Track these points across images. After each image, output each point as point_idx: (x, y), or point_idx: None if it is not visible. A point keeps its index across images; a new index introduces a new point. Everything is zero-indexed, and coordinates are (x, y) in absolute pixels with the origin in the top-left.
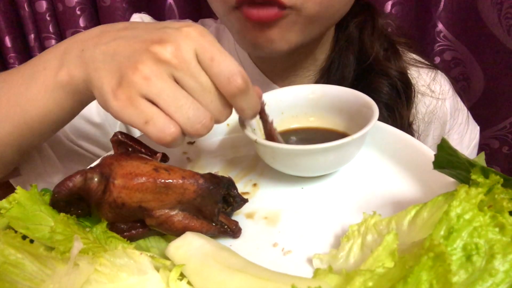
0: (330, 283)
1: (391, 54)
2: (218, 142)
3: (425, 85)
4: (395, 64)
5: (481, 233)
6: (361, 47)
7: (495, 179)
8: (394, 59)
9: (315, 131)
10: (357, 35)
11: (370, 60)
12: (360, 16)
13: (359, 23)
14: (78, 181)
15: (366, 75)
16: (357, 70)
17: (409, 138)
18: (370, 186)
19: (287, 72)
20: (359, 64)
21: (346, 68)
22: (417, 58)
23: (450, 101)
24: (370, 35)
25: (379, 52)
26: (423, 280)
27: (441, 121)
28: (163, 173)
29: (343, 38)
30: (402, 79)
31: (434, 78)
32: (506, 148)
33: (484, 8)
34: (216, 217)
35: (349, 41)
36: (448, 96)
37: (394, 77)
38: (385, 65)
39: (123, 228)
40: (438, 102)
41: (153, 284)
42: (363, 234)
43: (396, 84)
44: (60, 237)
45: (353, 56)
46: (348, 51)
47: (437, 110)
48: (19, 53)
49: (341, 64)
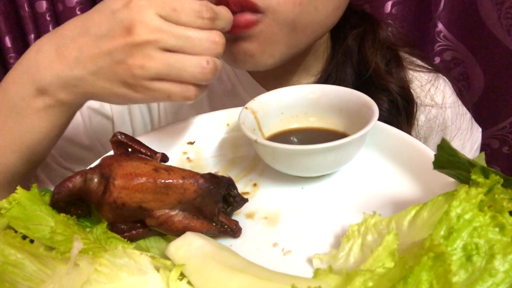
0: (330, 283)
1: (393, 66)
2: (218, 142)
3: (426, 94)
4: (397, 77)
5: (481, 233)
6: (361, 59)
7: (495, 179)
8: (397, 71)
9: (315, 131)
10: (356, 47)
11: (370, 73)
12: (359, 27)
13: (358, 35)
14: (78, 181)
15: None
16: (356, 83)
17: (409, 138)
18: (370, 186)
19: (279, 79)
20: (358, 78)
21: (344, 82)
22: (417, 62)
23: (452, 108)
24: (370, 47)
25: (380, 65)
26: (423, 280)
27: (442, 128)
28: (163, 173)
29: (341, 50)
30: (403, 95)
31: (435, 84)
32: (506, 148)
33: (484, 8)
34: (216, 217)
35: (347, 54)
36: (449, 103)
37: (394, 92)
38: (386, 79)
39: (123, 228)
40: (439, 109)
41: (153, 284)
42: (363, 234)
43: (396, 100)
44: (60, 237)
45: (351, 69)
46: (345, 65)
47: (438, 118)
48: (19, 53)
49: (338, 79)
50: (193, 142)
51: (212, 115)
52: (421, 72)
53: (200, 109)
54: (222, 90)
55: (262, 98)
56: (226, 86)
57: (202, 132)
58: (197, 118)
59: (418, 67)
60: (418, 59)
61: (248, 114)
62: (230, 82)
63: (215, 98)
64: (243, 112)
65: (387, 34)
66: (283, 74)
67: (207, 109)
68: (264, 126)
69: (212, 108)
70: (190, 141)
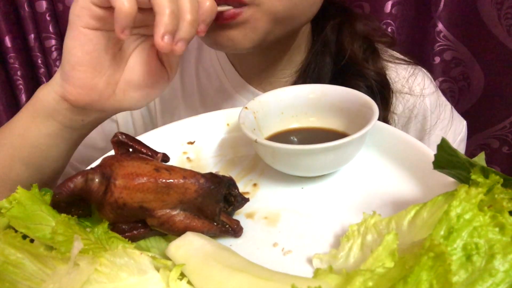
0: (330, 283)
1: (369, 55)
2: (218, 142)
3: (403, 83)
4: (372, 65)
5: (481, 233)
6: (338, 48)
7: (495, 179)
8: (372, 60)
9: (315, 131)
10: (334, 37)
11: (347, 60)
12: (336, 18)
13: (334, 25)
14: (79, 182)
15: (342, 76)
16: (334, 70)
17: (409, 138)
18: (370, 186)
19: (264, 73)
20: (336, 65)
21: (323, 69)
22: (396, 55)
23: (431, 97)
24: (346, 36)
25: (357, 53)
26: (423, 280)
27: (421, 118)
28: (164, 173)
29: (320, 41)
30: (378, 80)
31: (414, 74)
32: (506, 148)
33: (484, 8)
34: (217, 217)
35: (325, 44)
36: (428, 93)
37: (370, 78)
38: (362, 65)
39: (125, 228)
40: (416, 99)
41: (153, 284)
42: (363, 234)
43: (372, 85)
44: (61, 238)
45: (330, 57)
46: (324, 53)
47: (416, 107)
48: (19, 53)
49: (318, 65)
50: (193, 142)
51: (212, 115)
52: (400, 64)
53: (192, 105)
54: (212, 87)
55: (262, 98)
56: (215, 83)
57: (202, 132)
58: (197, 118)
59: (398, 60)
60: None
61: (248, 114)
62: (218, 79)
63: (205, 95)
64: (243, 112)
65: (364, 26)
66: (267, 68)
67: (198, 106)
68: (264, 126)
69: (203, 104)
70: (190, 141)
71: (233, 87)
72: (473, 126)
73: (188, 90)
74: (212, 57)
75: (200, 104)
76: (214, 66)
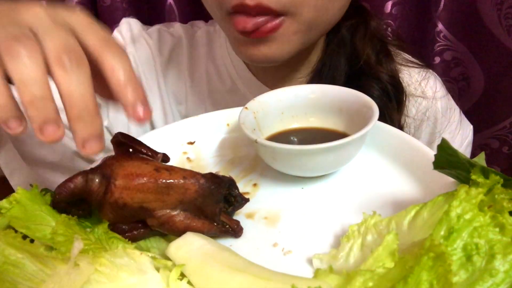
0: (330, 283)
1: (383, 57)
2: (218, 142)
3: (416, 86)
4: (386, 67)
5: (481, 233)
6: (353, 50)
7: (495, 179)
8: (386, 62)
9: (315, 131)
10: (349, 38)
11: (361, 63)
12: (352, 19)
13: (351, 26)
14: (79, 182)
15: (357, 78)
16: (349, 72)
17: (409, 138)
18: (370, 186)
19: (279, 73)
20: (351, 67)
21: (337, 71)
22: (409, 58)
23: (442, 101)
24: (362, 38)
25: (371, 56)
26: (423, 280)
27: (432, 121)
28: (164, 173)
29: (335, 41)
30: (392, 83)
31: (426, 78)
32: (506, 148)
33: (484, 8)
34: (217, 217)
35: (340, 44)
36: (439, 96)
37: (385, 81)
38: (376, 68)
39: (125, 228)
40: (429, 102)
41: (153, 284)
42: (363, 234)
43: (386, 87)
44: (61, 238)
45: (344, 59)
46: (339, 54)
47: (428, 110)
48: None
49: (332, 67)
50: (193, 142)
51: (212, 115)
52: (412, 67)
53: (202, 105)
54: (223, 87)
55: (262, 98)
56: (226, 83)
57: (202, 132)
58: (197, 118)
59: (411, 63)
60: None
61: (248, 114)
62: (230, 79)
63: (216, 95)
64: (243, 112)
65: (378, 25)
66: (283, 68)
67: (209, 105)
68: (264, 126)
69: (214, 104)
70: (190, 141)
71: (246, 88)
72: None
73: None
74: (224, 55)
75: (211, 104)
76: (226, 65)
